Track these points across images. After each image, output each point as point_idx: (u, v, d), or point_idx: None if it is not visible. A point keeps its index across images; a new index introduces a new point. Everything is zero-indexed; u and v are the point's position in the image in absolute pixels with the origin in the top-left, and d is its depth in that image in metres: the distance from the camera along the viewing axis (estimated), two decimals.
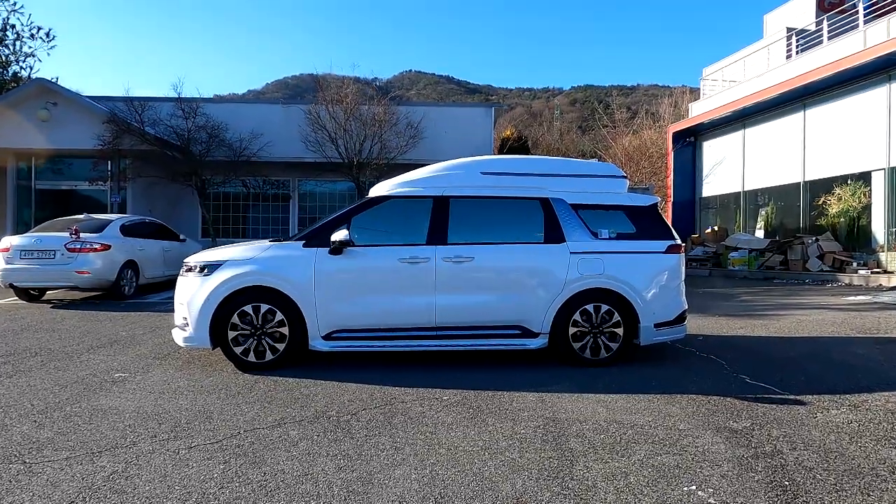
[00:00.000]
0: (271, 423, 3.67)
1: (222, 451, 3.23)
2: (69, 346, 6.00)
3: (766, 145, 17.83)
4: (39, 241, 9.11)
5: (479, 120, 18.08)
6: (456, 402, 4.10)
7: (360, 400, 4.16)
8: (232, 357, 4.93)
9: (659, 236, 5.35)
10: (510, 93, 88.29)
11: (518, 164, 5.70)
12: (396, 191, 5.38)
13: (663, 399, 4.19)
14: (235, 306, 4.89)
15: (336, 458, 3.15)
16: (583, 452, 3.24)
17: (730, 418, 3.79)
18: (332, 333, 4.96)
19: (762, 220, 17.65)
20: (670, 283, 5.29)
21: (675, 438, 3.45)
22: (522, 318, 5.07)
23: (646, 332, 5.15)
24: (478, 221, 5.27)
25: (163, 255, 10.75)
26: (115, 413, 3.85)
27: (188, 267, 5.16)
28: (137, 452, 3.21)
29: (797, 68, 16.30)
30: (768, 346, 6.04)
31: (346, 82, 17.37)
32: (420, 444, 3.34)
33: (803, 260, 13.96)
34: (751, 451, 3.26)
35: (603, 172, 5.64)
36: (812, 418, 3.80)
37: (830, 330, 6.94)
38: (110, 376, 4.78)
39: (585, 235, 5.22)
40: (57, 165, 16.05)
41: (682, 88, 37.72)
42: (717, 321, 7.61)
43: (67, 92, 15.38)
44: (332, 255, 4.96)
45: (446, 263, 5.01)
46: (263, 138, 15.98)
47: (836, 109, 15.18)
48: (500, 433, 3.52)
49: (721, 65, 22.21)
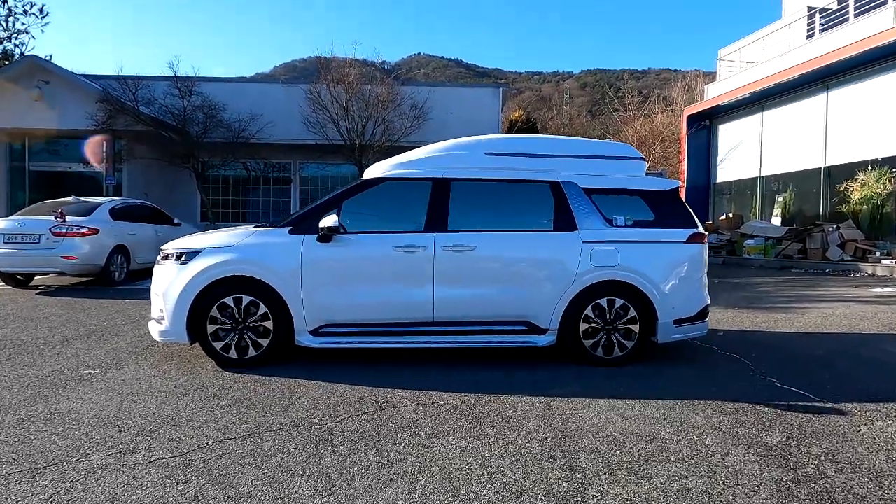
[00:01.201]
0: (245, 433, 3.26)
1: (184, 468, 2.83)
2: (44, 337, 5.63)
3: (786, 129, 17.15)
4: (23, 224, 8.74)
5: (487, 101, 17.48)
6: (453, 408, 3.68)
7: (347, 404, 3.75)
8: (211, 353, 4.53)
9: (680, 224, 4.87)
10: (519, 77, 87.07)
11: (526, 143, 5.20)
12: (392, 172, 4.91)
13: (685, 406, 3.76)
14: (215, 298, 4.47)
15: (313, 479, 2.74)
16: (596, 473, 2.82)
17: (762, 431, 3.35)
18: (320, 328, 4.55)
19: (779, 207, 17.02)
20: (692, 275, 4.82)
21: (701, 456, 3.02)
22: (529, 312, 4.63)
23: (664, 329, 4.70)
24: (481, 207, 4.82)
25: (156, 240, 10.32)
26: (74, 418, 3.46)
27: (164, 254, 4.75)
28: (88, 468, 2.81)
29: (820, 48, 15.55)
30: (794, 344, 5.58)
31: (348, 62, 16.77)
32: (411, 461, 2.93)
33: (823, 248, 13.38)
34: (790, 474, 2.83)
35: (619, 154, 5.15)
36: (855, 432, 3.35)
37: (861, 325, 6.46)
38: (78, 373, 4.39)
39: (599, 223, 4.75)
40: (52, 146, 15.65)
41: (695, 72, 36.69)
42: (737, 314, 7.14)
43: (60, 70, 14.90)
44: (321, 242, 4.53)
45: (446, 252, 4.57)
46: (263, 119, 15.48)
47: (860, 91, 14.48)
48: (502, 447, 3.10)
49: (738, 45, 21.41)
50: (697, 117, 20.68)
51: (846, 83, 14.92)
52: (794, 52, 17.03)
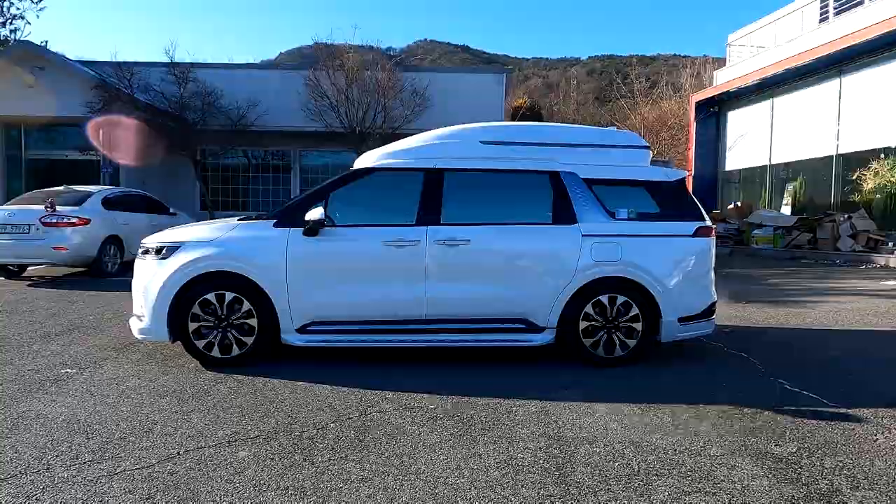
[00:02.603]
0: (220, 440, 3.08)
1: (150, 481, 2.64)
2: (26, 332, 5.46)
3: (797, 115, 16.72)
4: (12, 214, 8.56)
5: (490, 87, 17.11)
6: (443, 414, 3.48)
7: (331, 408, 3.55)
8: (193, 352, 4.34)
9: (686, 217, 4.61)
10: (526, 63, 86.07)
11: (524, 131, 4.94)
12: (382, 162, 4.67)
13: (690, 412, 3.54)
14: (196, 294, 4.28)
15: (286, 494, 2.55)
16: (592, 489, 2.62)
17: (771, 440, 3.14)
18: (306, 326, 4.34)
19: (789, 196, 16.66)
20: (698, 270, 4.58)
21: (706, 469, 2.81)
22: (526, 310, 4.41)
23: (668, 327, 4.47)
24: (476, 198, 4.58)
25: (150, 230, 10.08)
26: (42, 423, 3.28)
27: (144, 248, 4.55)
28: (47, 481, 2.63)
29: (833, 32, 15.09)
30: (805, 341, 5.34)
31: (347, 48, 16.43)
32: (393, 474, 2.73)
33: (834, 239, 13.06)
34: (801, 491, 2.62)
35: (622, 142, 4.88)
36: (872, 441, 3.13)
37: (874, 322, 6.20)
38: (55, 372, 4.22)
39: (601, 215, 4.50)
40: (49, 134, 15.45)
41: (704, 58, 36.01)
42: (745, 309, 6.89)
43: (54, 56, 14.63)
44: (307, 236, 4.31)
45: (439, 247, 4.34)
46: (261, 106, 15.20)
47: (876, 76, 14.03)
48: (493, 458, 2.90)
49: (749, 30, 20.88)
50: (706, 104, 20.25)
51: (860, 68, 14.47)
52: (806, 37, 16.56)
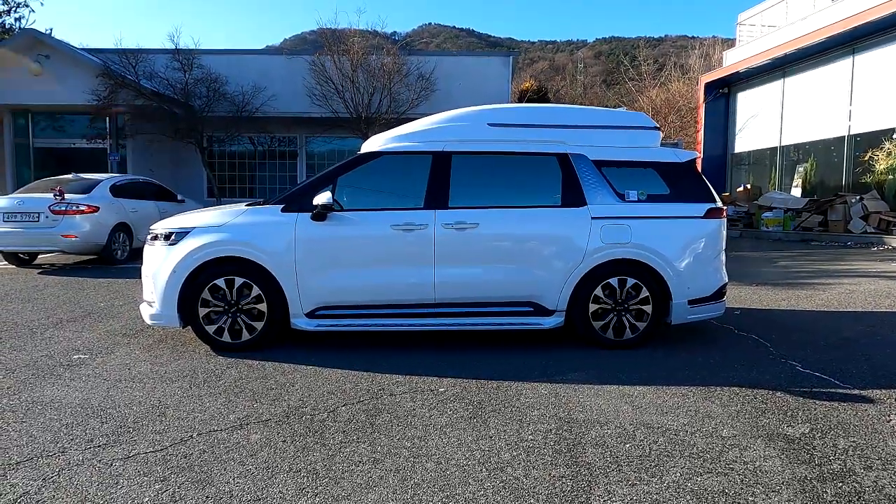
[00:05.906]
0: (232, 424, 3.10)
1: (164, 464, 2.66)
2: (38, 319, 5.51)
3: (808, 96, 16.46)
4: (22, 202, 8.60)
5: (496, 70, 16.92)
6: (453, 396, 3.49)
7: (342, 391, 3.57)
8: (204, 337, 4.36)
9: (696, 198, 4.56)
10: (533, 46, 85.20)
11: (532, 113, 4.89)
12: (390, 146, 4.64)
13: (700, 393, 3.53)
14: (206, 280, 4.29)
15: (299, 476, 2.56)
16: (603, 469, 2.62)
17: (783, 421, 3.12)
18: (316, 311, 4.35)
19: (800, 178, 16.46)
20: (708, 252, 4.54)
21: (718, 450, 2.80)
22: (535, 293, 4.39)
23: (678, 309, 4.45)
24: (484, 181, 4.54)
25: (159, 217, 10.14)
26: (56, 408, 3.32)
27: (153, 234, 4.56)
28: (63, 464, 2.66)
29: (846, 9, 14.77)
30: (817, 323, 5.30)
31: (352, 32, 16.27)
32: (405, 456, 2.74)
33: (845, 221, 12.92)
34: (814, 471, 2.60)
35: (631, 123, 4.81)
36: (885, 422, 3.11)
37: (887, 303, 6.14)
38: (68, 358, 4.25)
39: (610, 197, 4.46)
40: (56, 122, 15.47)
41: (713, 39, 35.48)
42: (756, 291, 6.84)
43: (60, 44, 14.60)
44: (315, 221, 4.30)
45: (447, 230, 4.32)
46: (267, 92, 15.13)
47: (890, 55, 13.76)
48: (504, 440, 2.91)
49: (759, 9, 20.51)
50: (715, 85, 19.96)
51: (874, 46, 14.19)
52: (818, 15, 16.23)
